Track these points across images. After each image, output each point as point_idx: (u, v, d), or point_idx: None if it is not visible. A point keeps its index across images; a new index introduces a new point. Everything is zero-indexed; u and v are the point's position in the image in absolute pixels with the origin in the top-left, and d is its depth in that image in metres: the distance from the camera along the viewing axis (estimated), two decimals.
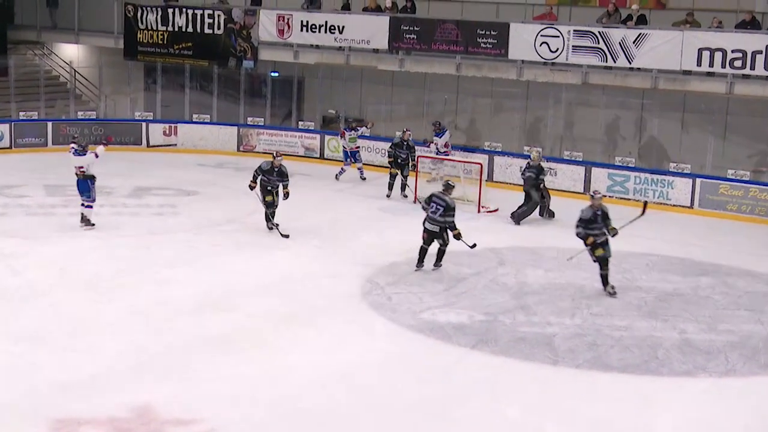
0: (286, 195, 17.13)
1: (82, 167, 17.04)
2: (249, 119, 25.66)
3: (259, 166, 17.16)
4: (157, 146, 25.45)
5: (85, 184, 17.07)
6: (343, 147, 22.48)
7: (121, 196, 19.75)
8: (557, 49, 21.06)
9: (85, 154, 17.13)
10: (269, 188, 17.07)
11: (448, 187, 15.38)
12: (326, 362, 11.30)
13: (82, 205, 17.22)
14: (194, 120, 25.81)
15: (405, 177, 20.70)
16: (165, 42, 26.05)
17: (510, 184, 21.94)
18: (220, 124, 25.78)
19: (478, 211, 19.48)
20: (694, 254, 16.58)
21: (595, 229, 14.19)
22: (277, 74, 26.54)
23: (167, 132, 25.57)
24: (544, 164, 19.24)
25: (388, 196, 20.66)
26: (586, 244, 14.27)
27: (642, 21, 21.16)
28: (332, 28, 23.77)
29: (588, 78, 21.18)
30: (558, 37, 21.02)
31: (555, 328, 12.83)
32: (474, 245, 15.47)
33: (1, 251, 15.39)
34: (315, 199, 20.01)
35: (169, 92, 27.01)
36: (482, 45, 21.97)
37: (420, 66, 23.39)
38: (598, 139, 22.14)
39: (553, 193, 20.74)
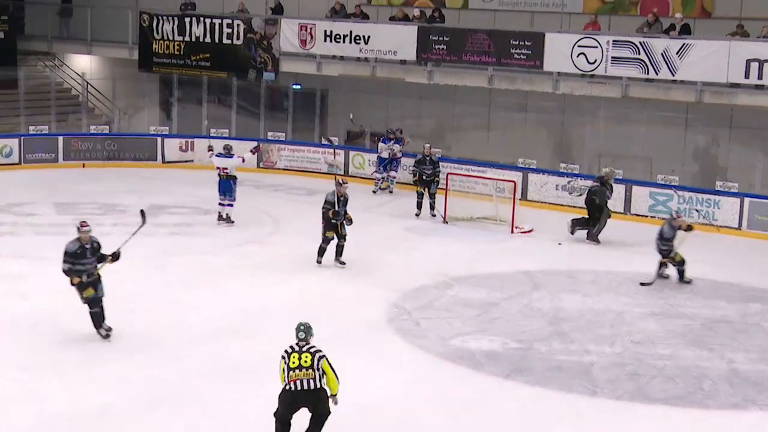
0: (350, 221, 16.52)
1: (226, 168, 19.13)
2: (269, 134, 25.73)
3: (327, 201, 16.35)
4: (173, 162, 25.57)
5: (228, 184, 19.14)
6: (379, 156, 22.95)
7: (135, 214, 19.75)
8: (595, 60, 21.02)
9: (231, 157, 19.23)
10: (333, 221, 16.37)
11: (673, 219, 16.27)
12: (350, 393, 11.24)
13: (221, 204, 19.22)
14: (212, 135, 25.90)
15: (432, 195, 20.68)
16: (182, 53, 26.22)
17: (545, 203, 21.89)
18: (239, 139, 25.81)
19: (512, 232, 19.43)
20: (742, 278, 16.44)
21: None
22: (299, 87, 26.63)
23: (183, 147, 25.70)
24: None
25: (417, 215, 20.68)
26: None
27: (686, 30, 21.08)
28: (357, 38, 23.84)
29: (628, 91, 21.11)
30: (596, 47, 20.98)
31: (593, 356, 12.75)
32: (667, 276, 16.28)
33: (8, 273, 15.50)
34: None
35: (186, 105, 27.17)
36: (516, 56, 21.95)
37: (450, 78, 23.39)
38: (638, 156, 22.04)
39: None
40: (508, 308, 14.64)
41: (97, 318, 12.68)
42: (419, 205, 20.78)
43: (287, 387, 9.54)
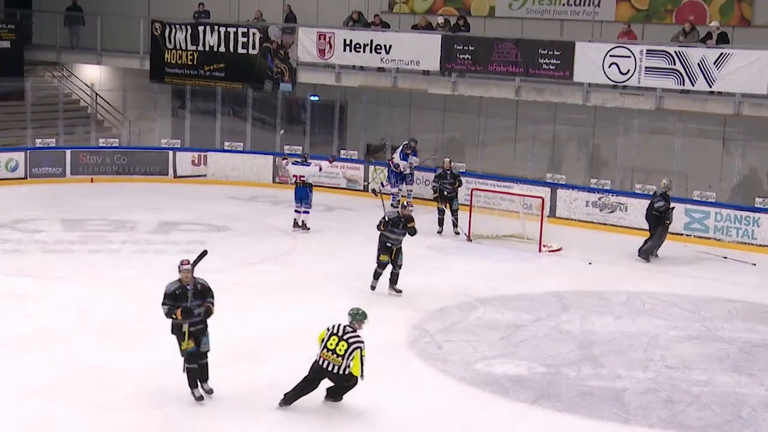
0: (413, 229, 16.08)
1: (303, 176, 20.45)
2: (286, 148, 25.78)
3: (384, 218, 16.03)
4: (185, 177, 25.69)
5: (304, 191, 20.46)
6: (394, 169, 22.78)
7: (145, 231, 19.94)
8: (628, 70, 21.00)
9: (308, 165, 20.54)
10: (388, 245, 16.10)
11: None
12: (370, 419, 11.27)
13: (297, 211, 20.59)
14: (226, 148, 26.02)
15: (454, 211, 20.63)
16: (195, 63, 26.36)
17: (574, 220, 21.85)
18: (255, 153, 25.98)
19: (540, 251, 19.40)
20: None
21: None
22: (317, 98, 26.72)
23: (196, 161, 25.81)
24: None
25: (439, 232, 20.68)
26: None
27: (723, 39, 21.02)
28: (378, 47, 23.91)
29: (663, 103, 21.07)
30: (629, 57, 20.97)
31: (625, 382, 12.71)
32: None
33: (14, 292, 15.57)
34: (358, 237, 20.05)
35: (199, 118, 27.29)
36: (544, 66, 21.97)
37: (475, 89, 23.43)
38: (673, 171, 21.96)
39: (623, 231, 20.66)
40: (535, 331, 14.61)
41: (194, 376, 11.52)
42: (441, 222, 20.77)
43: (318, 359, 11.20)
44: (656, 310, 15.91)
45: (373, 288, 16.23)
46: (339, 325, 11.18)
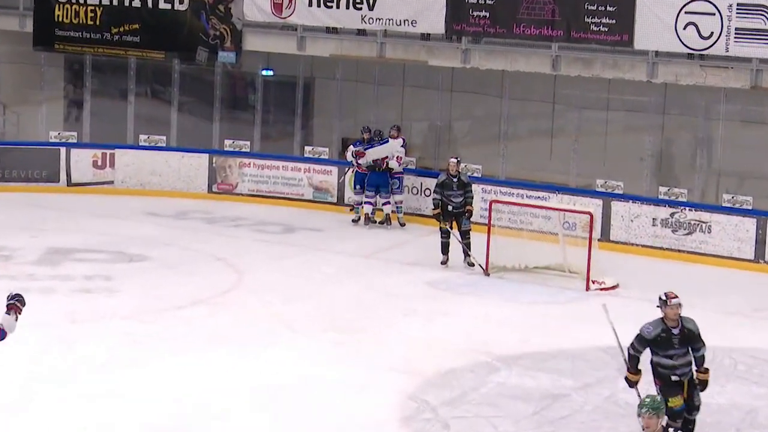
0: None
1: (386, 157, 23.12)
2: (227, 143, 25.78)
3: (641, 338, 13.67)
4: (84, 185, 25.66)
5: (383, 178, 23.15)
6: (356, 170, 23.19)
7: (26, 262, 19.88)
8: (711, 33, 21.08)
9: (385, 142, 23.18)
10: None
11: None
12: None
13: (369, 202, 23.36)
14: (142, 144, 25.97)
15: (464, 233, 20.53)
16: (98, 23, 26.36)
17: (636, 245, 21.88)
18: (183, 151, 25.94)
19: (587, 289, 19.41)
20: None
21: None
22: (271, 73, 26.73)
23: (99, 163, 25.76)
24: None
25: (443, 262, 20.65)
26: None
27: None
28: (358, 2, 23.95)
29: (761, 80, 21.14)
30: (713, 14, 21.04)
31: None
32: None
33: None
34: (331, 269, 20.06)
35: (104, 101, 27.28)
36: (593, 28, 22.04)
37: (494, 61, 23.48)
38: None
39: (705, 261, 20.69)
40: (581, 403, 14.62)
41: None
42: (446, 248, 20.72)
43: None
44: (754, 373, 15.91)
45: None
46: None
